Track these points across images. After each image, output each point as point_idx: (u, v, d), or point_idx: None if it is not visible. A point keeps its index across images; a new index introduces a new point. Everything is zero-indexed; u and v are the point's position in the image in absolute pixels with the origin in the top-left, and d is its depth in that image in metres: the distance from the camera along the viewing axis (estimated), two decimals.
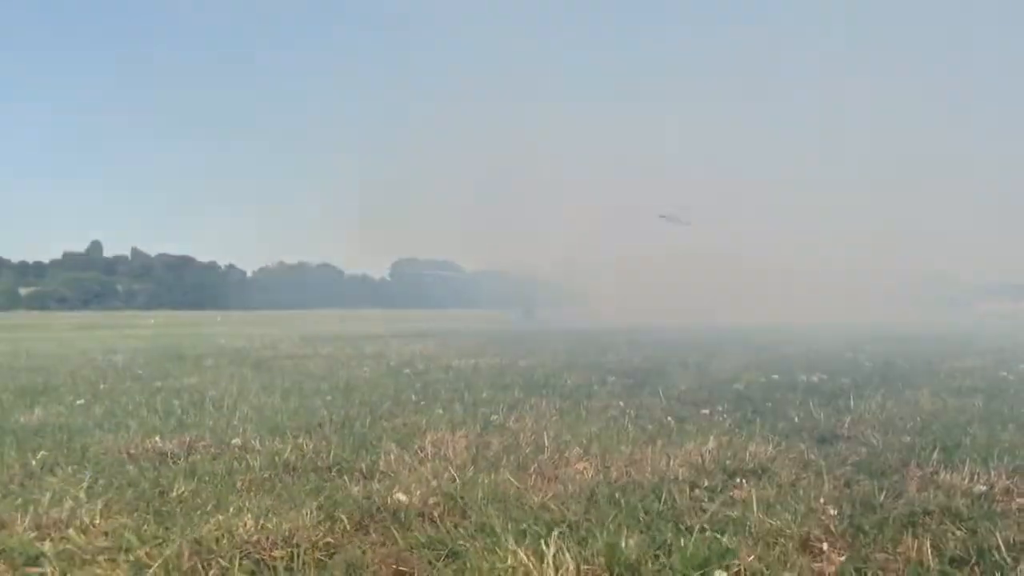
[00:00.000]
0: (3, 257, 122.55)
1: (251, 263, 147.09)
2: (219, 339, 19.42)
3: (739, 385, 7.90)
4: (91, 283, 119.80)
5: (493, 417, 5.62)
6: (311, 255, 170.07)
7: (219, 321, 43.75)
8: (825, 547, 2.81)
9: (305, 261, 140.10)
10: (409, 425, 5.32)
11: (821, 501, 3.31)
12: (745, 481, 3.69)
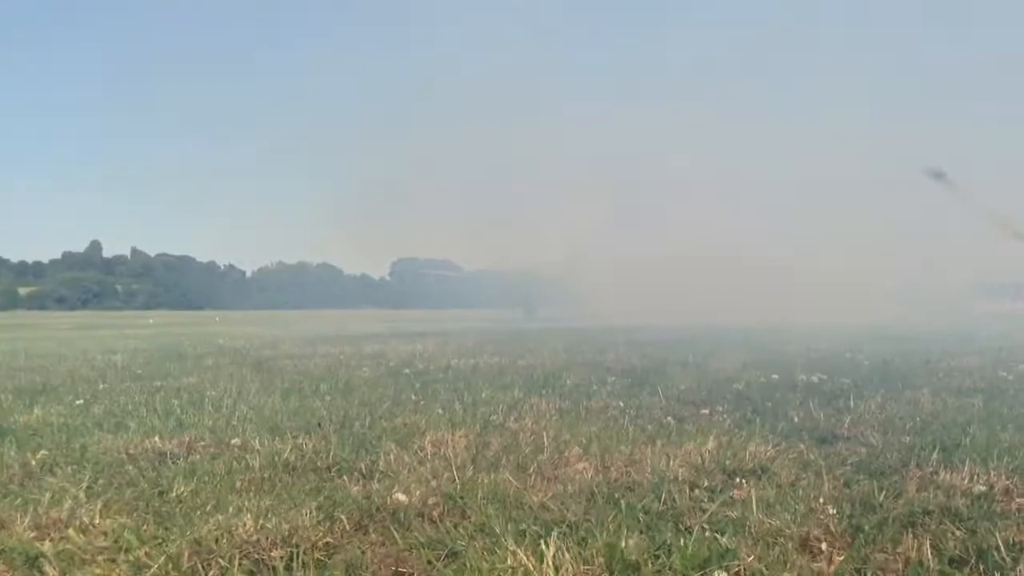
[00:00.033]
0: (2, 257, 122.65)
1: (250, 263, 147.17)
2: (218, 339, 19.41)
3: (739, 385, 7.90)
4: (90, 283, 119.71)
5: (493, 417, 5.62)
6: (311, 255, 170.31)
7: (217, 321, 43.72)
8: (824, 547, 2.81)
9: (304, 261, 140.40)
10: (409, 425, 5.32)
11: (821, 501, 3.31)
12: (745, 481, 3.69)
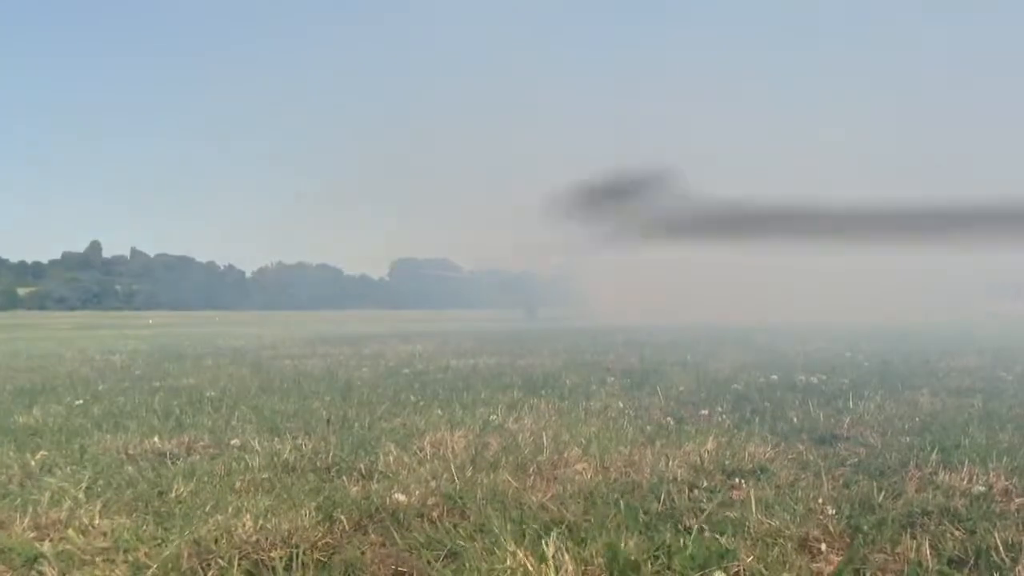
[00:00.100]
0: (2, 257, 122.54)
1: (250, 263, 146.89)
2: (218, 339, 19.41)
3: (738, 385, 7.90)
4: (90, 283, 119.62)
5: (492, 417, 5.62)
6: (310, 255, 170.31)
7: (216, 321, 43.70)
8: (824, 547, 2.82)
9: (304, 261, 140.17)
10: (408, 425, 5.32)
11: (820, 501, 3.31)
12: (744, 482, 3.69)
